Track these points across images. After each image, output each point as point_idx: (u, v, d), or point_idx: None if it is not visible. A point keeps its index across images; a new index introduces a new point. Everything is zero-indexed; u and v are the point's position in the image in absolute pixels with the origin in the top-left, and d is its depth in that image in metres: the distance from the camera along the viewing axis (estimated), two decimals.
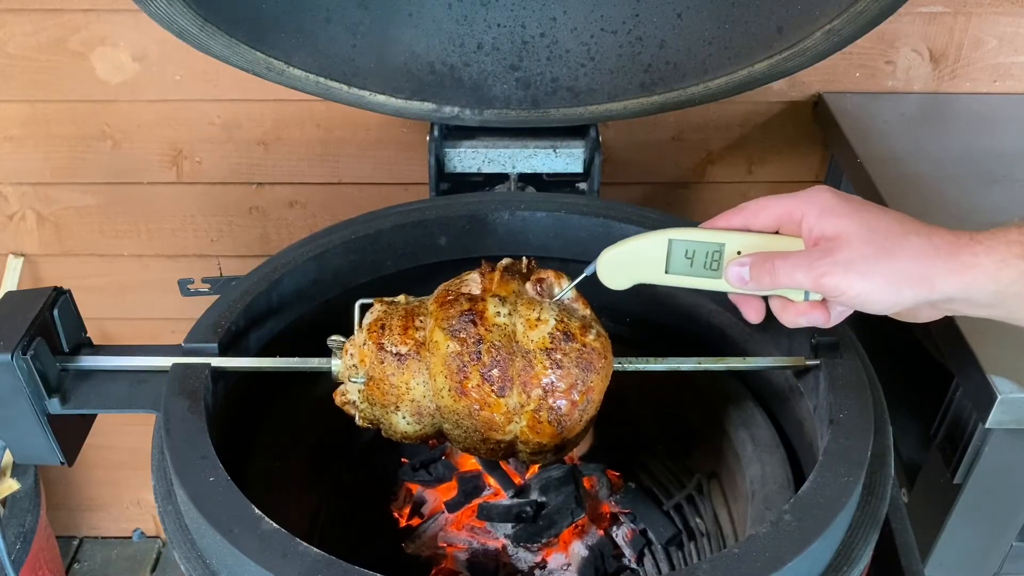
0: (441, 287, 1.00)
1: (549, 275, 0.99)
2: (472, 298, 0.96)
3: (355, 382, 0.98)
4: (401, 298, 1.01)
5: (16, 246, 1.90)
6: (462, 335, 0.93)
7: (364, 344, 0.97)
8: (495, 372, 0.93)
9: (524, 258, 1.02)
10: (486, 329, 0.93)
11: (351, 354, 0.98)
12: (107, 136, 1.75)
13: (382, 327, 0.97)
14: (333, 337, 1.01)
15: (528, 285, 0.98)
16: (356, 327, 1.00)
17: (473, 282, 0.98)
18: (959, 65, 1.68)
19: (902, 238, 0.81)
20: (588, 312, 0.98)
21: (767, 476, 1.08)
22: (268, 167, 1.80)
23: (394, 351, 0.96)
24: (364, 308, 1.00)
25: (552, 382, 0.93)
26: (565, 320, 0.94)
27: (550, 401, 0.94)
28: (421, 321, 0.97)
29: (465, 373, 0.93)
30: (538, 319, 0.94)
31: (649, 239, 0.94)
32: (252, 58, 1.29)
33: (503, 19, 1.33)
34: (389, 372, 0.96)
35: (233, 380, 1.05)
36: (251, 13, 1.27)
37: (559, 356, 0.93)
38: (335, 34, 1.32)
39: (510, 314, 0.94)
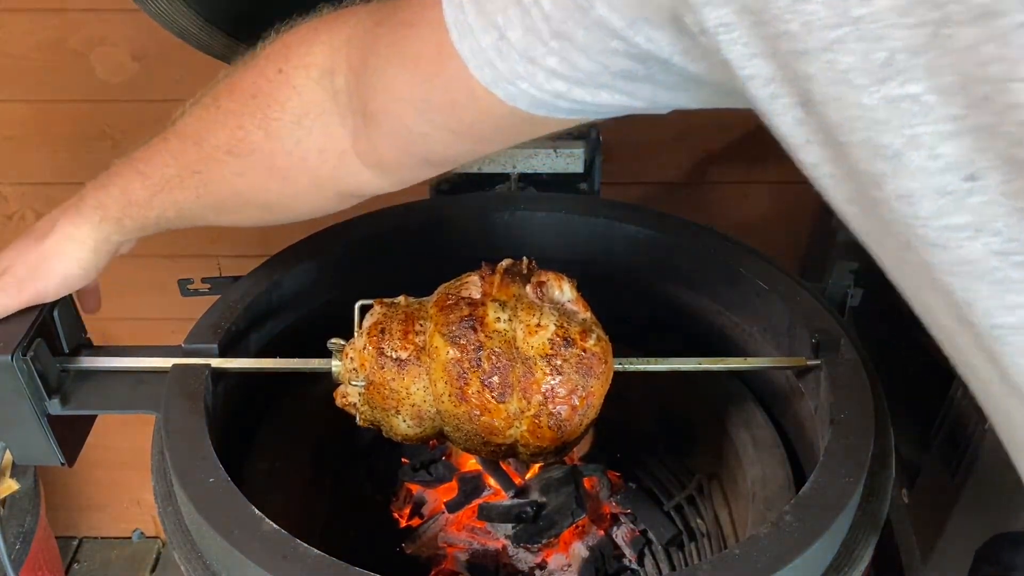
0: (441, 289, 1.00)
1: (550, 278, 0.98)
2: (472, 303, 0.95)
3: (355, 385, 0.98)
4: (401, 299, 1.01)
5: None
6: (462, 341, 0.93)
7: (364, 349, 0.97)
8: (495, 379, 0.93)
9: (524, 259, 1.02)
10: (486, 336, 0.93)
11: (351, 358, 0.98)
12: (107, 136, 1.75)
13: (382, 331, 0.96)
14: (333, 340, 1.01)
15: (528, 288, 0.98)
16: (356, 329, 1.00)
17: (473, 285, 0.98)
18: None
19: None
20: (588, 315, 0.98)
21: (768, 476, 1.08)
22: None
23: (394, 356, 0.96)
24: (364, 309, 1.00)
25: (552, 388, 0.93)
26: (565, 325, 0.94)
27: (550, 407, 0.94)
28: (421, 325, 0.97)
29: (465, 379, 0.93)
30: (538, 325, 0.94)
31: None
32: None
33: None
34: (389, 377, 0.96)
35: (233, 381, 1.05)
36: (252, 12, 1.26)
37: (559, 362, 0.93)
38: None
39: (510, 319, 0.94)
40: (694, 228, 1.23)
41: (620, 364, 1.01)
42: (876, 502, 0.92)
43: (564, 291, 0.98)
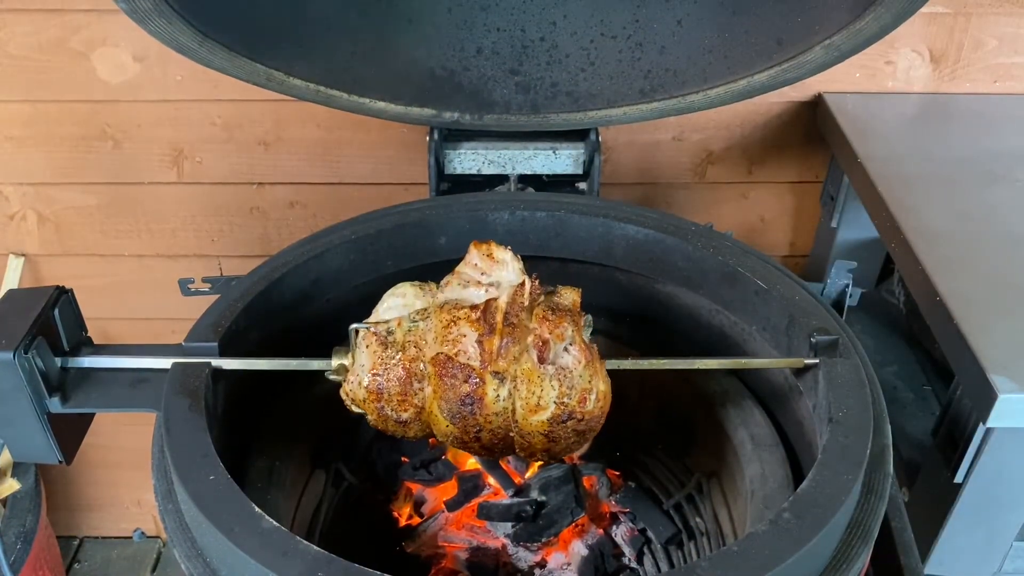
0: (438, 327, 0.97)
1: (553, 335, 0.96)
2: (469, 377, 0.95)
3: (358, 412, 1.01)
4: (396, 327, 0.99)
5: (17, 246, 1.90)
6: (461, 424, 0.96)
7: (364, 401, 0.99)
8: (496, 445, 0.98)
9: (527, 282, 1.00)
10: (485, 419, 0.95)
11: (352, 400, 1.00)
12: (108, 136, 1.75)
13: (379, 389, 0.97)
14: (331, 377, 1.02)
15: (530, 341, 0.96)
16: (352, 351, 1.00)
17: (471, 344, 0.95)
18: (959, 66, 1.68)
19: None
20: (589, 366, 0.96)
21: (766, 475, 1.08)
22: (269, 167, 1.80)
23: (395, 418, 0.99)
24: (358, 331, 1.01)
25: (551, 448, 0.98)
26: (565, 401, 0.94)
27: (547, 458, 1.01)
28: (419, 384, 0.97)
29: (466, 446, 0.99)
30: (538, 404, 0.94)
31: None
32: (252, 69, 1.29)
33: (503, 23, 1.33)
34: (392, 427, 1.00)
35: (233, 379, 1.05)
36: (251, 25, 1.26)
37: (558, 434, 0.96)
38: (335, 42, 1.31)
39: (510, 394, 0.95)
40: (694, 228, 1.23)
41: (619, 363, 1.01)
42: (875, 500, 0.92)
43: (566, 336, 0.96)
